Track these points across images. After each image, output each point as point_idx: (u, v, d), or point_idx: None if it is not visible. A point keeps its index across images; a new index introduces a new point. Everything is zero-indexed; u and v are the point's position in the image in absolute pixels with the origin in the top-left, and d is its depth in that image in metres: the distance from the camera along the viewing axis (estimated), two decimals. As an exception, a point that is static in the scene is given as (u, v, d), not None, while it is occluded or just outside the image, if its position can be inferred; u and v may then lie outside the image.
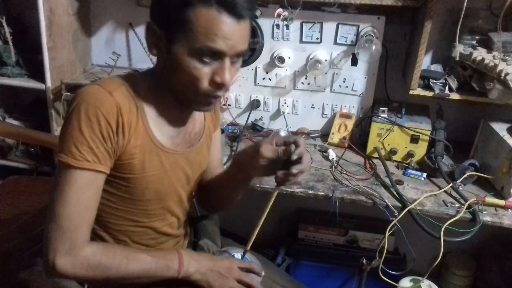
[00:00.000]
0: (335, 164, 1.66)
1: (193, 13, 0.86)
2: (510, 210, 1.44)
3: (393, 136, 1.69)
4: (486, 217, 1.40)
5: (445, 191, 1.52)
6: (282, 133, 1.30)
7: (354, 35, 1.77)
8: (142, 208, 1.05)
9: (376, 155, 1.71)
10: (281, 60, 1.83)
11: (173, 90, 0.99)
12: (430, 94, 1.69)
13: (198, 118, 1.13)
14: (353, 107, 1.90)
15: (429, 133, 1.66)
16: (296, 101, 1.93)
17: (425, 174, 1.61)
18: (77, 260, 0.92)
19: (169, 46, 0.91)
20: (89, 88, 0.93)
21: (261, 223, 1.06)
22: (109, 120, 0.91)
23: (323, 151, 1.76)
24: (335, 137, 1.83)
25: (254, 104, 1.94)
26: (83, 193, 0.92)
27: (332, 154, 1.71)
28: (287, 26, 1.79)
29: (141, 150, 0.97)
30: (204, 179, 1.22)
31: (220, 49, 0.88)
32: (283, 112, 1.94)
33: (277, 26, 1.80)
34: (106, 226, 1.05)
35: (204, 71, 0.91)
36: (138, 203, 1.03)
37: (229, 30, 0.87)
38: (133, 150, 0.96)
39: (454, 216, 1.40)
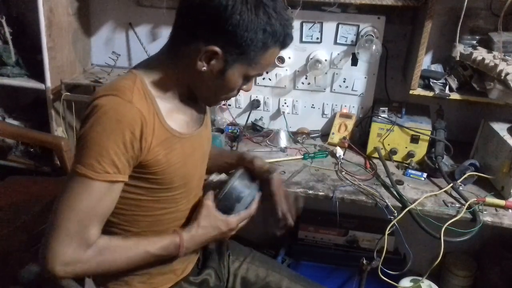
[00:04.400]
0: (340, 161, 1.67)
1: (266, 51, 0.96)
2: (510, 210, 1.44)
3: (393, 136, 1.69)
4: (487, 217, 1.40)
5: (445, 191, 1.52)
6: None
7: (354, 35, 1.76)
8: (170, 194, 1.06)
9: (376, 155, 1.71)
10: (281, 60, 1.83)
11: (195, 91, 1.03)
12: (430, 94, 1.69)
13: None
14: (353, 107, 1.90)
15: (429, 133, 1.66)
16: (296, 101, 1.93)
17: (425, 174, 1.61)
18: (78, 265, 0.92)
19: (226, 66, 0.96)
20: (108, 100, 0.91)
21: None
22: (134, 130, 0.91)
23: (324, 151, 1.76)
24: (335, 137, 1.83)
25: (254, 104, 1.94)
26: (98, 202, 0.92)
27: (339, 151, 1.71)
28: (287, 26, 1.78)
29: (163, 146, 0.99)
30: None
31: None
32: (283, 112, 1.94)
33: (277, 26, 1.80)
34: (135, 220, 1.06)
35: (240, 85, 1.02)
36: (167, 191, 1.05)
37: None
38: (156, 148, 0.97)
39: (455, 216, 1.40)
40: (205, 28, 0.92)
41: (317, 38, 1.80)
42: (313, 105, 1.93)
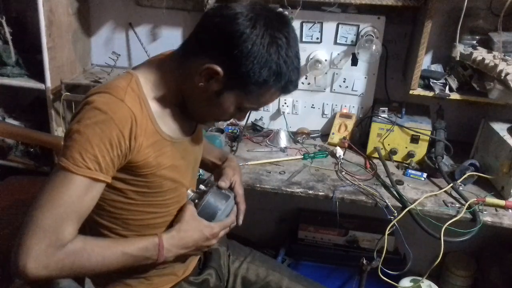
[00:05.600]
0: (340, 161, 1.67)
1: (265, 89, 0.96)
2: (510, 210, 1.44)
3: (393, 136, 1.69)
4: (487, 217, 1.40)
5: (445, 191, 1.52)
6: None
7: (354, 35, 1.76)
8: (160, 198, 1.06)
9: (376, 155, 1.71)
10: (281, 60, 1.82)
11: (188, 103, 1.02)
12: (430, 94, 1.69)
13: None
14: (353, 107, 1.90)
15: (429, 133, 1.66)
16: (296, 101, 1.93)
17: (425, 174, 1.61)
18: (53, 260, 0.88)
19: (222, 89, 0.96)
20: (100, 96, 0.91)
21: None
22: (122, 129, 0.91)
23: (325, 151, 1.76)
24: (335, 137, 1.83)
25: (254, 104, 1.93)
26: (76, 198, 0.90)
27: (339, 151, 1.71)
28: (287, 26, 1.78)
29: (154, 148, 0.98)
30: None
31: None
32: (283, 112, 1.94)
33: (277, 26, 1.80)
34: (127, 224, 1.05)
35: (232, 113, 1.02)
36: (156, 195, 1.04)
37: None
38: (146, 149, 0.96)
39: (455, 216, 1.40)
40: (215, 46, 0.92)
41: (317, 38, 1.80)
42: (313, 105, 1.93)
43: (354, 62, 1.81)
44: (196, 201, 1.11)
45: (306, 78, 1.88)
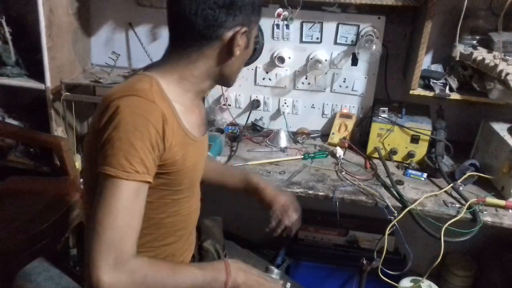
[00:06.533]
0: (341, 161, 1.67)
1: (256, 11, 1.02)
2: (510, 210, 1.44)
3: (394, 136, 1.69)
4: (487, 218, 1.40)
5: (445, 191, 1.52)
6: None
7: (354, 35, 1.76)
8: (176, 197, 1.06)
9: (376, 155, 1.71)
10: (281, 60, 1.83)
11: (224, 80, 1.07)
12: (431, 94, 1.69)
13: (202, 105, 1.19)
14: (353, 107, 1.90)
15: (429, 133, 1.66)
16: (296, 101, 1.93)
17: (425, 174, 1.61)
18: (123, 275, 0.86)
19: (249, 37, 1.02)
20: (131, 100, 0.91)
21: None
22: (158, 129, 0.92)
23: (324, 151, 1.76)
24: (335, 137, 1.82)
25: (254, 104, 1.93)
26: (130, 204, 0.89)
27: (339, 151, 1.71)
28: (287, 26, 1.79)
29: (180, 146, 1.00)
30: None
31: None
32: (283, 112, 1.94)
33: (277, 26, 1.80)
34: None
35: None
36: (173, 193, 1.05)
37: None
38: (175, 148, 0.98)
39: (455, 216, 1.40)
40: (224, 17, 0.96)
41: (317, 38, 1.80)
42: (313, 105, 1.93)
43: (354, 62, 1.81)
44: None
45: (306, 78, 1.88)
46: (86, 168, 1.06)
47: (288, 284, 1.15)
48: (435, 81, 1.70)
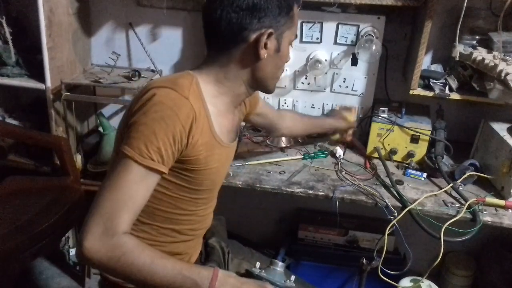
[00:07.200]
0: (340, 161, 1.67)
1: (294, 10, 1.05)
2: (510, 210, 1.44)
3: (393, 136, 1.69)
4: (486, 217, 1.40)
5: (445, 191, 1.52)
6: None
7: (354, 35, 1.76)
8: (195, 196, 1.09)
9: (376, 155, 1.71)
10: (281, 60, 1.82)
11: (258, 85, 1.09)
12: (430, 94, 1.69)
13: (239, 111, 1.21)
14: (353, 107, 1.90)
15: (429, 133, 1.66)
16: (296, 101, 1.93)
17: (425, 174, 1.61)
18: (104, 246, 0.89)
19: (279, 40, 1.03)
20: (165, 91, 0.95)
21: None
22: (185, 125, 0.95)
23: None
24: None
25: (254, 104, 1.93)
26: (134, 185, 0.92)
27: (339, 151, 1.71)
28: (287, 26, 1.78)
29: (206, 147, 1.02)
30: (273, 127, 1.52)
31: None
32: (283, 112, 1.94)
33: (277, 26, 1.80)
34: (153, 213, 1.07)
35: (288, 53, 1.09)
36: (193, 192, 1.07)
37: None
38: (200, 147, 1.00)
39: (454, 216, 1.40)
40: (248, 19, 0.98)
41: (317, 38, 1.80)
42: (313, 105, 1.93)
43: (354, 62, 1.81)
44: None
45: (306, 78, 1.88)
46: (115, 152, 1.04)
47: (293, 277, 1.17)
48: (435, 81, 1.71)
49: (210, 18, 1.01)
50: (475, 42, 1.70)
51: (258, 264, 1.20)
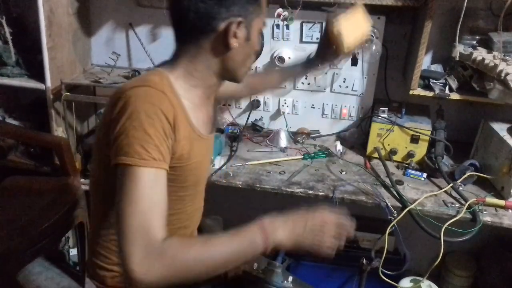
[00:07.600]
0: (339, 156, 1.69)
1: None
2: (510, 210, 1.44)
3: (393, 136, 1.69)
4: (486, 217, 1.40)
5: (445, 191, 1.52)
6: None
7: (354, 35, 1.76)
8: (181, 194, 1.07)
9: (376, 155, 1.71)
10: (281, 60, 1.83)
11: (228, 74, 1.06)
12: (430, 94, 1.69)
13: (211, 102, 1.18)
14: (353, 107, 1.90)
15: (429, 133, 1.66)
16: (296, 101, 1.93)
17: (425, 174, 1.61)
18: (155, 261, 0.84)
19: (249, 29, 1.00)
20: (141, 90, 0.92)
21: None
22: (169, 118, 0.92)
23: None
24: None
25: (254, 104, 1.94)
26: (151, 191, 0.88)
27: (339, 146, 1.72)
28: (287, 26, 1.79)
29: (187, 141, 1.00)
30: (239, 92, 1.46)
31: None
32: (283, 112, 1.94)
33: (277, 26, 1.80)
34: None
35: (258, 41, 1.06)
36: (179, 189, 1.05)
37: None
38: (182, 141, 0.98)
39: (454, 216, 1.40)
40: (216, 8, 0.96)
41: (317, 38, 1.80)
42: (313, 105, 1.93)
43: (354, 62, 1.81)
44: None
45: (306, 78, 1.88)
46: (95, 160, 1.06)
47: (290, 278, 1.16)
48: (435, 81, 1.70)
49: (177, 9, 0.98)
50: (475, 42, 1.70)
51: (255, 265, 1.19)
